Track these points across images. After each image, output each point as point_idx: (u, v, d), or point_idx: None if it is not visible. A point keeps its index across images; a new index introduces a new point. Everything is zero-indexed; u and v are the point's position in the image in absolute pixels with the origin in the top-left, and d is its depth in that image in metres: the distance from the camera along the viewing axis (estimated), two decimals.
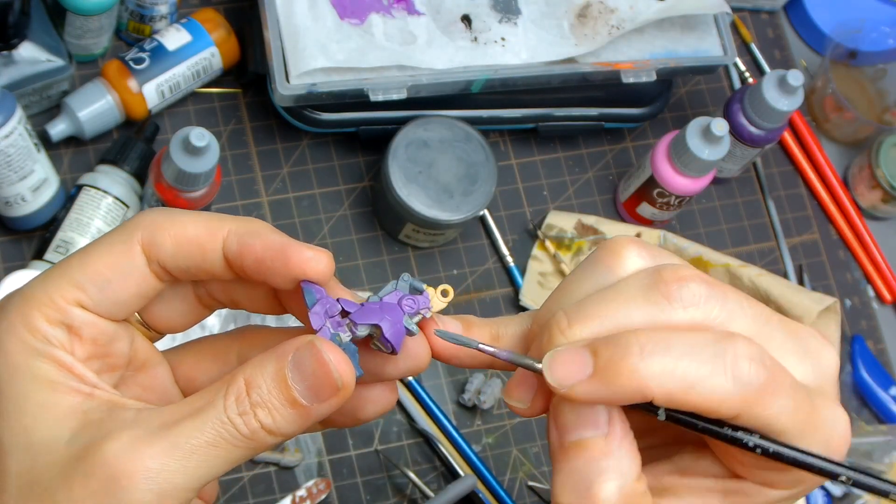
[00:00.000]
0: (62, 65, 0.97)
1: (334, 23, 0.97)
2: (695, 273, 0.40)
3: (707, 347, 0.38)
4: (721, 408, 0.38)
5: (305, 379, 0.40)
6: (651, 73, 1.04)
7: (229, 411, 0.40)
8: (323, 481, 0.95)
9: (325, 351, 0.40)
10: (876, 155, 1.16)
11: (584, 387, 0.38)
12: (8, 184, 0.91)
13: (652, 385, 0.37)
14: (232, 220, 0.43)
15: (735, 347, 0.38)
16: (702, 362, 0.38)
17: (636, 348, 0.38)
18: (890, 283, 1.17)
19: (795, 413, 0.39)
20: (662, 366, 0.37)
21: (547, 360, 0.39)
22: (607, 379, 0.38)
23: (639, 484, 0.39)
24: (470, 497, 0.97)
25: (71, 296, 0.42)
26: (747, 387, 0.38)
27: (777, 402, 0.38)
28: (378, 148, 1.05)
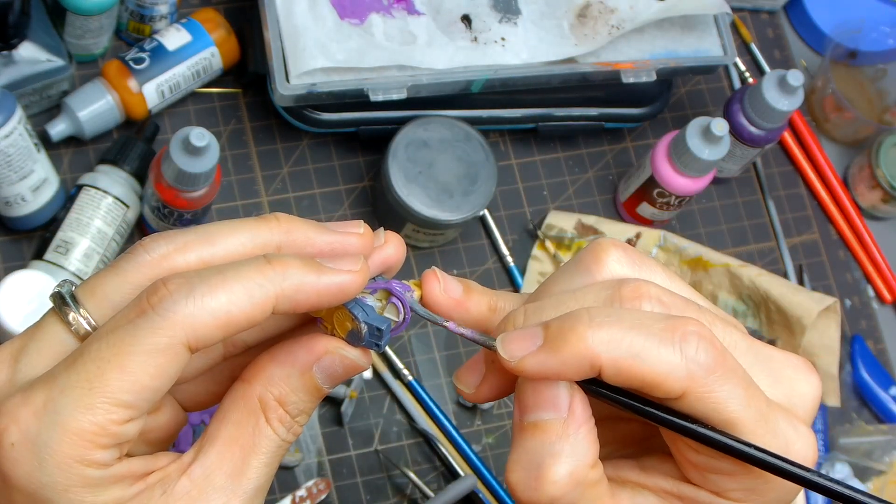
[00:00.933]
0: (62, 65, 0.97)
1: (334, 23, 0.97)
2: (657, 293, 0.40)
3: (657, 322, 0.38)
4: (666, 382, 0.38)
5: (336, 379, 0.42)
6: (651, 73, 1.04)
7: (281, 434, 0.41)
8: (323, 481, 0.95)
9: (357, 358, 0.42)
10: (876, 155, 1.16)
11: (533, 358, 0.39)
12: (8, 184, 0.91)
13: (600, 352, 0.38)
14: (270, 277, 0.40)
15: (685, 325, 0.38)
16: (650, 335, 0.38)
17: (585, 317, 0.38)
18: (890, 283, 1.17)
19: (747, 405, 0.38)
20: (610, 335, 0.38)
21: (501, 338, 0.40)
22: (555, 347, 0.38)
23: (593, 471, 0.39)
24: (470, 497, 0.97)
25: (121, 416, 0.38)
26: (694, 362, 0.37)
27: (726, 387, 0.38)
28: (378, 148, 1.05)
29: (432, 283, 0.44)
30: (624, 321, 0.38)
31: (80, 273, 0.93)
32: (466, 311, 0.44)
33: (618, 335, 0.38)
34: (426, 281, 0.44)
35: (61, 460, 0.37)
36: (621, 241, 0.42)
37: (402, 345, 1.02)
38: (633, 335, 0.38)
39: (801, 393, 0.41)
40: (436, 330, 1.03)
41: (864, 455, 1.06)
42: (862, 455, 1.06)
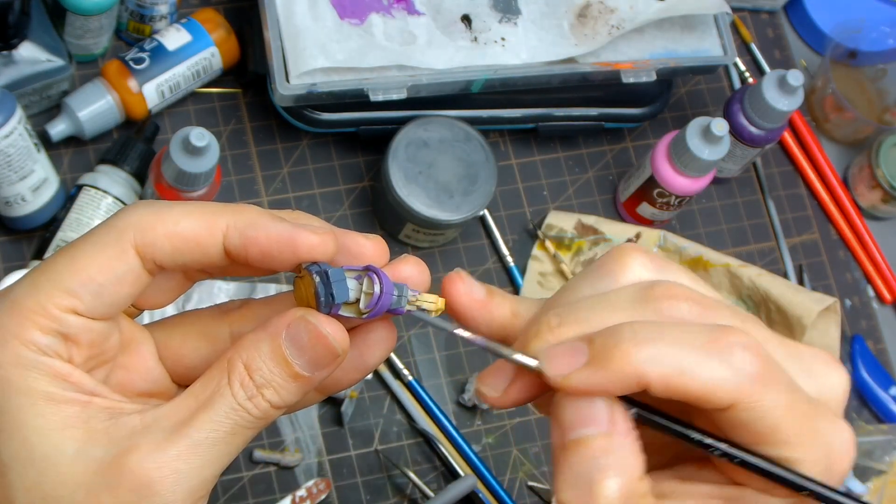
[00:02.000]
0: (62, 65, 0.97)
1: (334, 23, 0.97)
2: (688, 293, 0.40)
3: (701, 335, 0.38)
4: (716, 394, 0.38)
5: (304, 353, 0.41)
6: (651, 73, 1.04)
7: (238, 397, 0.41)
8: (323, 481, 0.95)
9: (321, 324, 0.41)
10: (876, 155, 1.16)
11: (579, 375, 0.38)
12: (8, 184, 0.91)
13: (647, 368, 0.37)
14: (226, 210, 0.42)
15: (729, 336, 0.38)
16: (695, 348, 0.38)
17: (629, 334, 0.38)
18: (890, 283, 1.17)
19: (791, 410, 0.38)
20: (656, 350, 0.38)
21: (544, 353, 0.39)
22: (602, 364, 0.38)
23: (641, 483, 0.39)
24: (470, 497, 0.97)
25: (64, 303, 0.41)
26: (741, 373, 0.38)
27: (772, 394, 0.38)
28: (378, 148, 1.05)
29: (457, 284, 0.44)
30: (668, 336, 0.38)
31: None
32: (489, 313, 0.44)
33: (664, 350, 0.38)
34: (450, 282, 0.44)
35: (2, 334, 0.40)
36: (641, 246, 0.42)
37: (402, 345, 1.02)
38: (679, 349, 0.38)
39: (832, 385, 0.41)
40: (436, 330, 1.03)
41: (865, 455, 1.06)
42: (862, 455, 1.06)
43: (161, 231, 0.42)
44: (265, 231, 0.42)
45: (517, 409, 1.03)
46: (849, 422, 0.41)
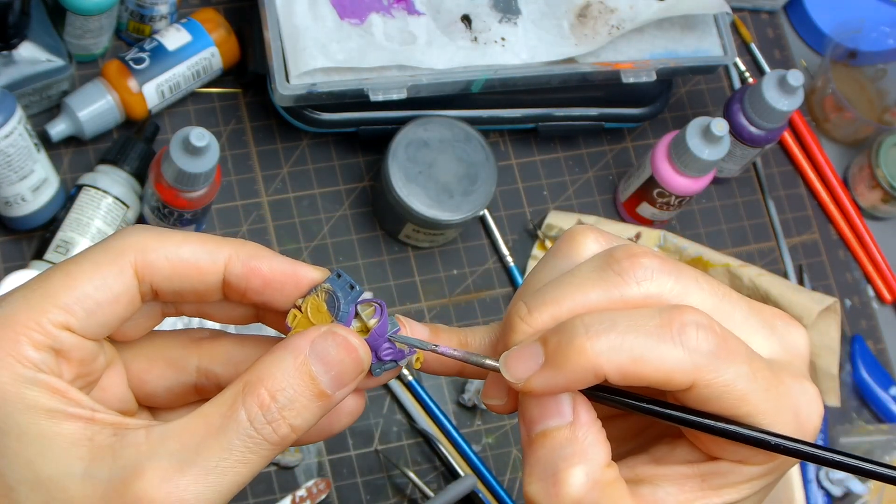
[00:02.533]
0: (62, 65, 0.97)
1: (334, 23, 0.97)
2: (647, 250, 0.40)
3: (652, 319, 0.38)
4: (674, 377, 0.38)
5: (331, 368, 0.40)
6: (651, 73, 1.04)
7: (256, 423, 0.39)
8: (323, 481, 0.95)
9: (349, 336, 0.41)
10: (876, 155, 1.16)
11: (538, 378, 0.39)
12: (8, 184, 0.91)
13: (602, 362, 0.38)
14: (228, 241, 0.42)
15: (681, 316, 0.38)
16: (648, 333, 0.38)
17: (581, 329, 0.38)
18: (890, 283, 1.17)
19: (753, 380, 0.39)
20: (609, 342, 0.38)
21: (502, 360, 0.40)
22: (558, 364, 0.38)
23: (609, 470, 0.40)
24: (470, 497, 0.97)
25: (58, 319, 0.40)
26: (697, 353, 0.38)
27: (731, 368, 0.38)
28: (378, 148, 1.05)
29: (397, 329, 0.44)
30: (619, 324, 0.38)
31: None
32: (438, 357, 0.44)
33: (616, 341, 0.38)
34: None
35: None
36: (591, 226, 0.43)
37: None
38: (632, 338, 0.38)
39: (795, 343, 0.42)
40: None
41: (865, 455, 1.06)
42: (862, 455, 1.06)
43: (162, 253, 0.41)
44: (269, 262, 0.42)
45: None
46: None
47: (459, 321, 1.04)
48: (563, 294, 0.40)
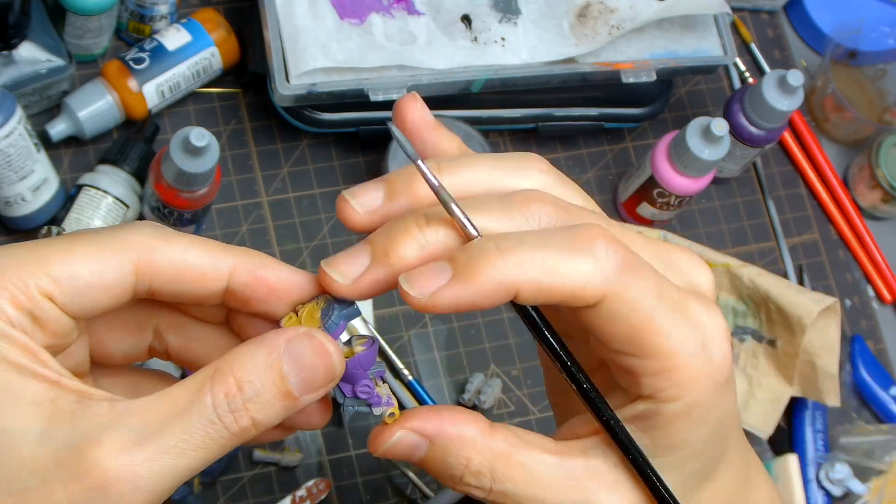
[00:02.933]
0: (62, 65, 0.97)
1: (334, 23, 0.97)
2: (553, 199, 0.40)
3: (562, 234, 0.39)
4: (585, 290, 0.38)
5: (302, 370, 0.40)
6: (651, 73, 1.04)
7: (219, 410, 0.39)
8: (323, 481, 0.95)
9: (326, 342, 0.40)
10: (876, 155, 1.16)
11: (446, 291, 0.38)
12: (8, 184, 0.91)
13: (514, 274, 0.38)
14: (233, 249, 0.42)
15: (590, 231, 0.39)
16: (558, 247, 0.38)
17: (492, 245, 0.38)
18: (890, 283, 1.17)
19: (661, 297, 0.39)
20: (521, 255, 0.38)
21: (403, 277, 0.39)
22: (468, 278, 0.38)
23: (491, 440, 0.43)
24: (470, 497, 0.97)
25: (45, 288, 0.40)
26: (606, 263, 0.38)
27: (639, 283, 0.39)
28: (378, 148, 1.05)
29: (411, 103, 0.44)
30: (529, 241, 0.38)
31: None
32: (438, 137, 0.44)
33: (528, 255, 0.38)
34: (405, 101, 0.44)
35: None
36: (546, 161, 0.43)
37: (402, 345, 1.02)
38: (544, 252, 0.38)
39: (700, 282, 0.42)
40: (436, 329, 1.03)
41: (865, 455, 1.06)
42: (862, 455, 1.06)
43: (168, 255, 0.41)
44: (275, 272, 0.42)
45: (518, 410, 1.03)
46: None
47: (459, 320, 1.04)
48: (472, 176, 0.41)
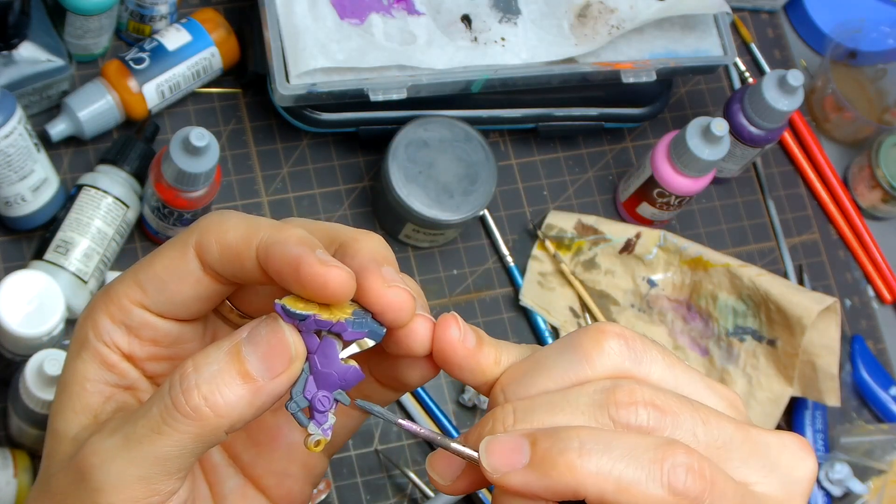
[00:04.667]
0: (62, 65, 0.97)
1: (334, 23, 0.97)
2: (649, 398, 0.39)
3: (646, 452, 0.38)
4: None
5: (259, 349, 0.40)
6: (651, 73, 1.04)
7: (172, 392, 0.40)
8: (323, 481, 0.95)
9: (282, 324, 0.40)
10: (876, 155, 1.16)
11: (519, 476, 0.38)
12: (8, 184, 0.91)
13: (587, 483, 0.37)
14: (269, 225, 0.42)
15: (674, 455, 0.38)
16: (638, 466, 0.37)
17: (576, 443, 0.38)
18: (890, 283, 1.17)
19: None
20: (599, 465, 0.37)
21: (484, 445, 0.39)
22: (543, 471, 0.38)
23: None
24: (470, 497, 0.97)
25: (135, 296, 0.43)
26: (680, 496, 0.37)
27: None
28: (378, 148, 1.05)
29: (451, 330, 0.42)
30: (612, 449, 0.38)
31: (80, 273, 0.93)
32: (477, 362, 0.42)
33: (606, 466, 0.37)
34: (445, 326, 0.42)
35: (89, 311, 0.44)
36: (621, 327, 0.41)
37: None
38: (622, 467, 0.37)
39: (798, 479, 0.41)
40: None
41: (865, 454, 1.06)
42: (862, 454, 1.06)
43: (213, 236, 0.42)
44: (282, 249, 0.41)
45: None
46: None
47: None
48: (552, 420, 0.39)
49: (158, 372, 0.45)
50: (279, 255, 0.40)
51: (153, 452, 0.40)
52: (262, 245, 0.41)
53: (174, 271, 0.43)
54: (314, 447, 0.41)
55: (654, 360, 0.41)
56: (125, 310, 0.43)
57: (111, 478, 0.40)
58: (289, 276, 0.40)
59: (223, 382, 0.40)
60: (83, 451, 0.41)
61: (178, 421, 0.39)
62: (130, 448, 0.40)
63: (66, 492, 0.41)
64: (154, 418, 0.40)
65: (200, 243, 0.43)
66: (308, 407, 0.41)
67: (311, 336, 0.41)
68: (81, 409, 0.43)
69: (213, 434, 0.40)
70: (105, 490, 0.40)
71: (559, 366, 0.41)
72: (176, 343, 0.44)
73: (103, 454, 0.40)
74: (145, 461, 0.40)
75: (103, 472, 0.40)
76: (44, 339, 0.83)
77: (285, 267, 0.40)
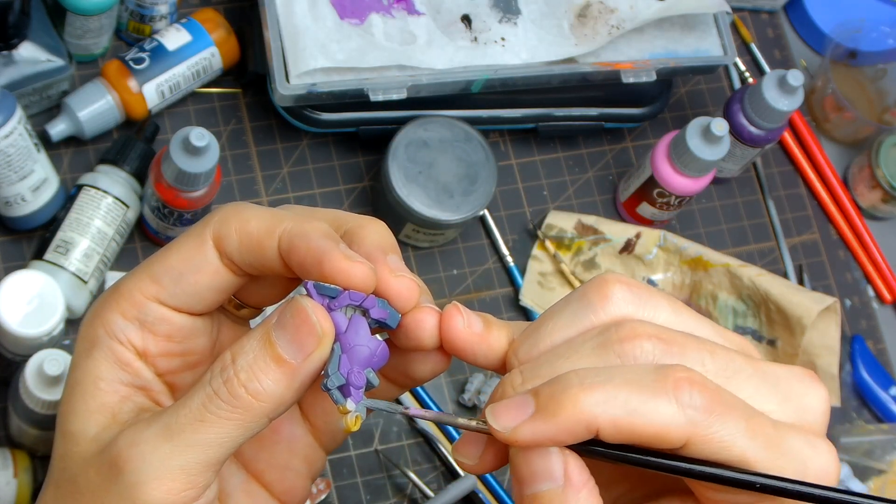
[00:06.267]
0: (62, 65, 0.97)
1: (334, 23, 0.97)
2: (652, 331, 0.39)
3: (647, 375, 0.37)
4: (669, 434, 0.37)
5: (287, 332, 0.40)
6: (651, 73, 1.04)
7: (213, 383, 0.40)
8: (323, 481, 0.95)
9: (304, 301, 0.41)
10: (876, 155, 1.16)
11: (527, 427, 0.38)
12: (8, 184, 0.91)
13: (596, 413, 0.37)
14: (292, 216, 0.42)
15: (676, 372, 0.37)
16: (643, 388, 0.37)
17: (575, 380, 0.38)
18: (890, 283, 1.17)
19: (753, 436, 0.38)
20: (604, 394, 0.37)
21: (490, 410, 0.39)
22: (550, 414, 0.37)
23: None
24: (470, 497, 0.97)
25: (149, 290, 0.43)
26: (690, 408, 0.37)
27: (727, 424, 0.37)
28: (378, 148, 1.05)
29: (455, 319, 0.42)
30: (615, 378, 0.37)
31: (80, 273, 0.93)
32: (489, 345, 0.42)
33: (611, 393, 0.37)
34: (449, 317, 0.43)
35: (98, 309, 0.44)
36: (624, 276, 0.41)
37: None
38: (627, 392, 0.37)
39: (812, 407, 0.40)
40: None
41: (865, 454, 1.06)
42: (862, 454, 1.06)
43: (233, 226, 0.43)
44: (306, 242, 0.41)
45: None
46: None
47: None
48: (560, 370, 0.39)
49: (170, 368, 0.45)
50: (304, 247, 0.41)
51: (197, 441, 0.40)
52: (285, 236, 0.42)
53: (191, 262, 0.43)
54: (353, 424, 0.41)
55: (659, 304, 0.41)
56: (139, 305, 0.43)
57: (152, 468, 0.40)
58: (312, 268, 0.41)
59: (259, 369, 0.40)
60: (118, 445, 0.40)
61: (221, 409, 0.40)
62: (172, 437, 0.40)
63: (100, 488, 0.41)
64: (197, 408, 0.40)
65: (219, 233, 0.43)
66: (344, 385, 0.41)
67: (339, 315, 0.41)
68: (97, 409, 0.42)
69: (257, 420, 0.41)
70: (144, 483, 0.40)
71: (564, 318, 0.41)
72: (188, 338, 0.44)
73: (143, 444, 0.40)
74: (188, 449, 0.40)
75: (144, 462, 0.40)
76: (44, 339, 0.83)
77: (309, 259, 0.41)
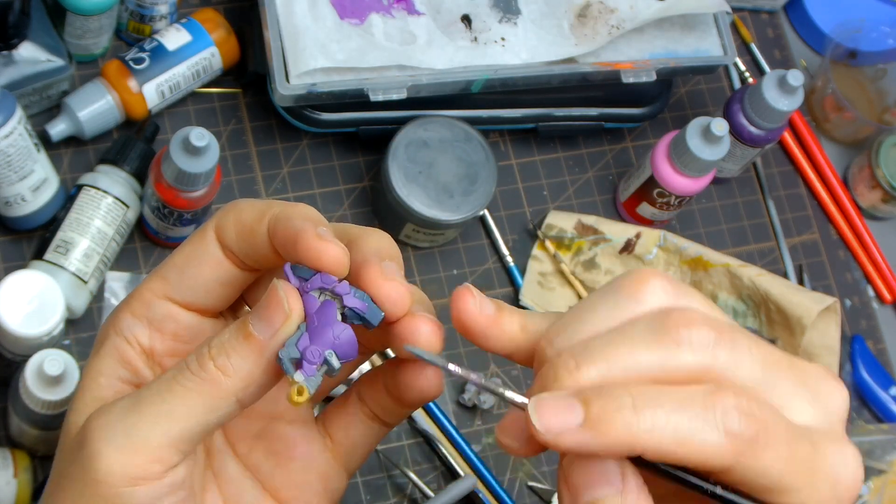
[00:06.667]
0: (62, 65, 0.97)
1: (334, 23, 0.97)
2: (704, 317, 0.39)
3: (697, 401, 0.37)
4: (712, 461, 0.37)
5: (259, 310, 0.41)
6: (651, 73, 1.04)
7: (188, 359, 0.41)
8: None
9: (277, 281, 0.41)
10: (876, 155, 1.16)
11: (573, 436, 0.37)
12: (8, 184, 0.91)
13: (644, 438, 0.37)
14: (279, 204, 0.44)
15: (725, 400, 0.37)
16: (692, 416, 0.37)
17: (628, 400, 0.37)
18: (890, 283, 1.17)
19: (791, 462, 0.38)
20: (654, 420, 0.37)
21: (533, 404, 0.38)
22: (599, 431, 0.37)
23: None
24: (470, 497, 0.97)
25: (158, 288, 0.44)
26: (737, 439, 0.37)
27: (769, 453, 0.38)
28: (378, 148, 1.05)
29: (467, 300, 0.42)
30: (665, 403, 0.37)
31: (80, 273, 0.93)
32: (500, 329, 0.42)
33: (662, 420, 0.37)
34: (460, 298, 0.42)
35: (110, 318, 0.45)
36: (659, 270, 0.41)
37: None
38: (677, 419, 0.37)
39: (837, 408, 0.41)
40: None
41: (865, 454, 1.06)
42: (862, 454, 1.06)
43: (231, 217, 0.44)
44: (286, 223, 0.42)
45: None
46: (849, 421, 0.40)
47: None
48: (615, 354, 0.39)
49: None
50: (283, 228, 0.42)
51: (162, 412, 0.40)
52: (272, 219, 0.43)
53: (194, 255, 0.44)
54: (297, 396, 0.40)
55: (694, 299, 0.41)
56: (147, 303, 0.44)
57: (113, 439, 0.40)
58: (290, 248, 0.42)
59: (230, 346, 0.41)
60: (87, 420, 0.41)
61: (189, 380, 0.41)
62: (139, 407, 0.41)
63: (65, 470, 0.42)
64: (166, 380, 0.41)
65: (219, 225, 0.44)
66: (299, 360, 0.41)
67: (312, 297, 0.42)
68: (92, 402, 0.43)
69: (224, 398, 0.41)
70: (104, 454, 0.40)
71: (604, 308, 0.40)
72: (195, 338, 0.45)
73: (108, 416, 0.41)
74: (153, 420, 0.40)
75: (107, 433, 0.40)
76: (44, 339, 0.83)
77: (287, 240, 0.42)
